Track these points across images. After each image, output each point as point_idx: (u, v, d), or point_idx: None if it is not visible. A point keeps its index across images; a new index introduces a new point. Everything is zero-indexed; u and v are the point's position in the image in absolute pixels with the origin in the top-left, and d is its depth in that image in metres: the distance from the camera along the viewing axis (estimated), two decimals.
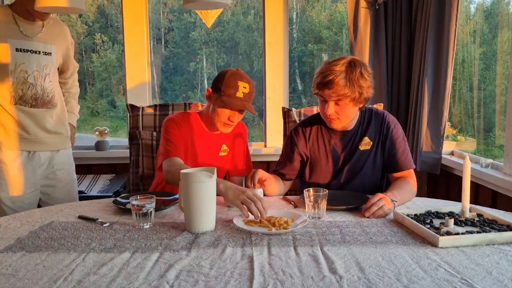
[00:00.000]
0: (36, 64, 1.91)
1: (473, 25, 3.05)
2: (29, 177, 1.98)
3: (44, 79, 1.94)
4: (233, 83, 1.74)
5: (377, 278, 0.99)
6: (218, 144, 1.94)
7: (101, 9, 8.58)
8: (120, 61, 7.54)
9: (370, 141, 1.76)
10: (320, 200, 1.42)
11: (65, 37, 2.09)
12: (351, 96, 1.59)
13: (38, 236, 1.29)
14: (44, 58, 1.94)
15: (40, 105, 1.95)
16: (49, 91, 1.97)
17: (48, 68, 1.96)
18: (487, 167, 2.25)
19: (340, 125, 1.70)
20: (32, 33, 1.91)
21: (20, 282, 0.98)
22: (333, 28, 6.39)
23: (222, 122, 1.80)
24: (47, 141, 2.00)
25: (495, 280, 0.98)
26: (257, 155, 3.06)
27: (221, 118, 1.78)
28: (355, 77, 1.58)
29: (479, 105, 2.91)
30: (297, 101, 6.70)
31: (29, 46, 1.89)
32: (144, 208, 1.36)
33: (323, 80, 1.60)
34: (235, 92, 1.74)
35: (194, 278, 1.00)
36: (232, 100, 1.74)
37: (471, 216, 1.37)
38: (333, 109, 1.63)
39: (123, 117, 5.32)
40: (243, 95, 1.75)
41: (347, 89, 1.58)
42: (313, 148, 1.81)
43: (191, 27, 7.06)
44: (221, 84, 1.76)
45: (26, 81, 1.89)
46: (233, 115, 1.78)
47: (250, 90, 1.78)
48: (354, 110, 1.67)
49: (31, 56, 1.90)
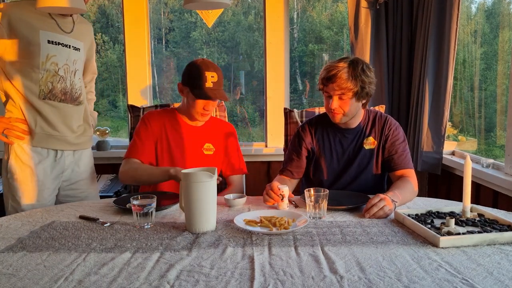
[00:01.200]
0: (66, 58, 1.87)
1: (474, 25, 3.05)
2: (53, 182, 1.91)
3: (74, 74, 1.91)
4: (200, 75, 1.78)
5: (377, 278, 0.99)
6: (199, 140, 1.94)
7: (102, 9, 8.59)
8: (121, 61, 7.55)
9: (374, 140, 1.81)
10: (320, 200, 1.42)
11: (90, 35, 2.09)
12: (353, 90, 1.67)
13: (39, 236, 1.29)
14: (74, 53, 1.91)
15: (69, 101, 1.90)
16: (77, 87, 1.93)
17: (77, 64, 1.93)
18: (488, 167, 2.24)
19: (344, 119, 1.76)
20: (66, 27, 1.88)
21: (21, 282, 0.98)
22: (334, 28, 6.38)
23: (199, 113, 1.84)
24: (73, 141, 1.95)
25: (496, 280, 0.98)
26: (258, 155, 3.06)
27: (197, 109, 1.83)
28: (357, 72, 1.67)
29: (480, 105, 2.91)
30: (298, 101, 6.70)
31: (60, 39, 1.85)
32: (145, 208, 1.36)
33: (327, 75, 1.69)
34: (204, 83, 1.77)
35: (194, 278, 1.00)
36: (202, 92, 1.78)
37: (472, 216, 1.36)
38: (337, 103, 1.70)
39: (124, 117, 5.32)
40: (212, 84, 1.78)
41: (350, 82, 1.65)
42: (318, 144, 1.86)
43: (192, 27, 7.06)
44: (189, 77, 1.81)
45: (56, 73, 1.84)
46: (207, 104, 1.82)
47: (218, 78, 1.81)
48: (356, 105, 1.73)
49: (62, 49, 1.86)
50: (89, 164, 2.08)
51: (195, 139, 1.94)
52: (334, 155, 1.83)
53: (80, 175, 2.02)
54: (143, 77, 3.02)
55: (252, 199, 1.71)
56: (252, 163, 3.09)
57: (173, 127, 1.92)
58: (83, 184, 2.03)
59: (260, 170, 3.08)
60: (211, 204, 1.33)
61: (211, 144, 1.96)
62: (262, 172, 3.09)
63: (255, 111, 6.66)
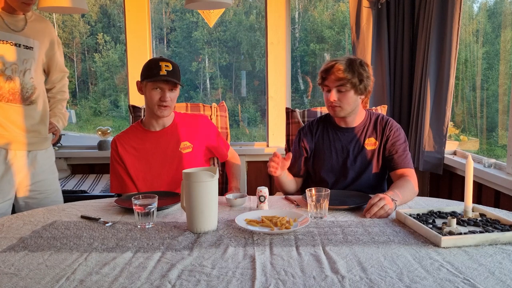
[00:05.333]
0: (15, 57, 1.82)
1: (476, 24, 3.04)
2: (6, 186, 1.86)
3: (23, 73, 1.85)
4: (154, 65, 1.79)
5: (379, 278, 0.99)
6: (173, 141, 1.92)
7: (104, 9, 8.59)
8: (122, 61, 7.55)
9: (376, 141, 1.82)
10: (322, 199, 1.42)
11: (49, 34, 2.00)
12: (351, 81, 1.71)
13: (40, 235, 1.29)
14: (25, 52, 1.86)
15: (19, 101, 1.85)
16: (29, 87, 1.87)
17: (28, 63, 1.87)
18: (490, 167, 2.24)
19: (343, 113, 1.78)
20: (15, 26, 1.84)
21: (23, 282, 0.98)
22: (336, 27, 6.38)
23: (157, 106, 1.82)
24: (25, 140, 1.88)
25: (497, 280, 0.97)
26: (259, 155, 3.06)
27: (154, 101, 1.82)
28: (354, 66, 1.73)
29: (482, 105, 2.90)
30: (299, 101, 6.70)
31: (8, 38, 1.81)
32: (146, 207, 1.36)
33: (325, 67, 1.76)
34: (159, 72, 1.78)
35: (196, 278, 1.00)
36: (156, 78, 1.78)
37: (473, 216, 1.36)
38: (336, 96, 1.74)
39: (125, 117, 5.33)
40: (166, 72, 1.78)
41: (347, 73, 1.71)
42: (319, 142, 1.88)
43: (193, 27, 7.06)
44: (145, 70, 1.83)
45: (3, 73, 1.79)
46: (163, 95, 1.81)
47: (174, 68, 1.81)
48: (355, 99, 1.76)
49: (10, 48, 1.81)
50: (47, 164, 2.01)
51: (168, 143, 1.91)
52: (333, 153, 1.85)
53: (37, 176, 1.96)
54: None
55: (253, 199, 1.71)
56: (253, 163, 3.09)
57: (142, 137, 1.90)
58: (42, 186, 1.98)
59: (262, 170, 3.08)
60: (213, 204, 1.33)
61: (187, 142, 1.93)
62: (264, 172, 3.09)
63: (257, 110, 6.66)
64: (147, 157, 1.89)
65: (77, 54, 10.58)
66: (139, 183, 1.87)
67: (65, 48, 10.08)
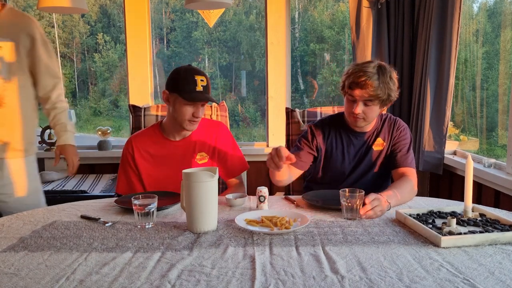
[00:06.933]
0: None
1: (476, 24, 3.04)
2: None
3: None
4: (190, 79, 1.72)
5: (379, 278, 0.99)
6: (189, 152, 1.87)
7: (104, 9, 8.60)
8: (122, 61, 7.56)
9: (383, 141, 1.81)
10: (355, 200, 1.40)
11: (28, 32, 1.83)
12: (381, 98, 1.66)
13: (40, 235, 1.29)
14: None
15: None
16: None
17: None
18: (490, 166, 2.24)
19: (364, 124, 1.76)
20: None
21: (23, 281, 0.98)
22: (335, 27, 6.39)
23: (187, 121, 1.77)
24: None
25: (497, 280, 0.97)
26: (259, 155, 3.06)
27: (186, 116, 1.75)
28: (386, 80, 1.66)
29: (481, 105, 2.90)
30: (299, 101, 6.70)
31: None
32: (146, 207, 1.36)
33: (356, 80, 1.65)
34: (195, 87, 1.71)
35: (195, 278, 1.00)
36: (193, 95, 1.71)
37: (473, 216, 1.36)
38: (361, 109, 1.68)
39: (125, 117, 5.33)
40: (202, 88, 1.73)
41: (379, 90, 1.64)
42: (330, 145, 1.84)
43: (193, 27, 7.07)
44: (177, 82, 1.73)
45: None
46: (197, 111, 1.75)
47: (207, 83, 1.76)
48: (378, 111, 1.74)
49: None
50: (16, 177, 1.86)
51: (186, 153, 1.86)
52: (346, 158, 1.82)
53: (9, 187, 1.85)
54: (145, 77, 3.02)
55: (253, 199, 1.71)
56: (253, 163, 3.08)
57: (157, 146, 1.85)
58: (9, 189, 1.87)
59: (261, 170, 3.08)
60: (212, 204, 1.33)
61: (204, 152, 1.89)
62: (264, 172, 3.08)
63: (257, 110, 6.67)
64: (161, 164, 1.85)
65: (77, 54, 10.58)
66: (150, 188, 1.85)
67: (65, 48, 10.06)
